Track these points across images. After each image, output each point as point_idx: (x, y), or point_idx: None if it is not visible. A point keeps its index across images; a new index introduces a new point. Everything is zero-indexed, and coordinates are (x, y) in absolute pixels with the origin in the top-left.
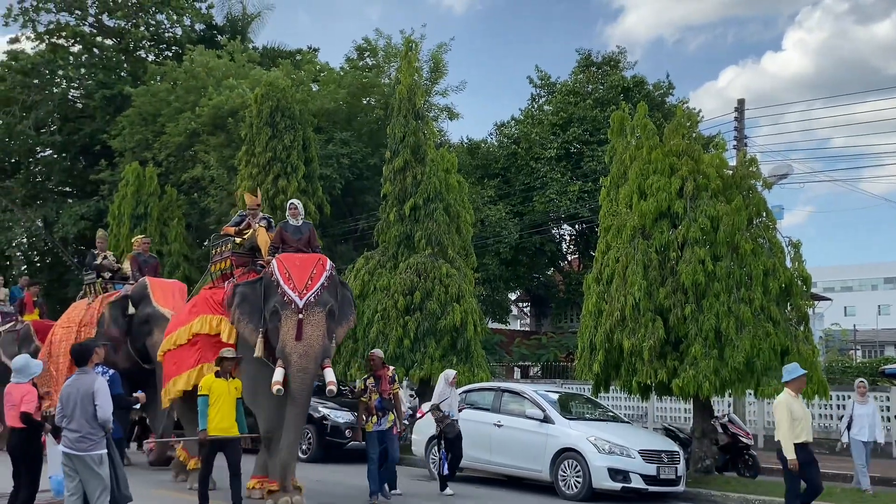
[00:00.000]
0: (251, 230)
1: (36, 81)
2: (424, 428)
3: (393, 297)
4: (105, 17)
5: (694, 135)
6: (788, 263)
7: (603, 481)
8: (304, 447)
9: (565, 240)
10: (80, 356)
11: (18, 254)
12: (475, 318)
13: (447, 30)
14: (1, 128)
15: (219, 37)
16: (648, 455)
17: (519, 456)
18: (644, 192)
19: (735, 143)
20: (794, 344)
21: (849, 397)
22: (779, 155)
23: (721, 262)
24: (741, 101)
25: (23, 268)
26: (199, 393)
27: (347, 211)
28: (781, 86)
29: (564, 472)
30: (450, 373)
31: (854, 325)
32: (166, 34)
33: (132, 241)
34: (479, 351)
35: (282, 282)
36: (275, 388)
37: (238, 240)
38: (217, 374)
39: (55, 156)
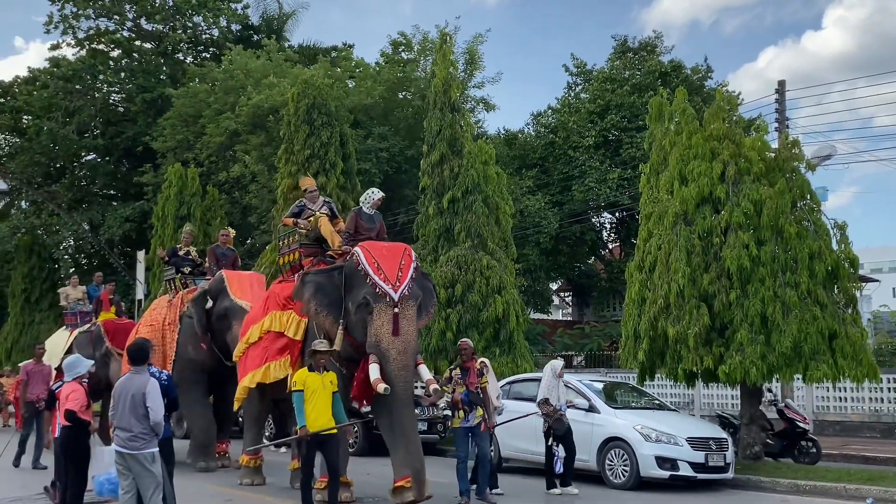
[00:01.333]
0: (312, 219)
1: (78, 87)
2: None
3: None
4: (143, 22)
5: (734, 118)
6: (834, 245)
7: (650, 470)
8: (350, 440)
9: (605, 228)
10: (137, 355)
11: (66, 256)
12: (517, 309)
13: (481, 21)
14: (45, 134)
15: (255, 36)
16: (696, 442)
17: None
18: (685, 177)
19: (776, 125)
20: (843, 327)
21: None
22: (821, 136)
23: (765, 247)
24: (782, 83)
25: (70, 270)
26: (293, 388)
27: (387, 205)
28: (823, 65)
29: (611, 461)
30: (556, 364)
31: None
32: (203, 36)
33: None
34: (521, 342)
35: (371, 272)
36: (380, 386)
37: (303, 231)
38: (310, 368)
39: (99, 159)
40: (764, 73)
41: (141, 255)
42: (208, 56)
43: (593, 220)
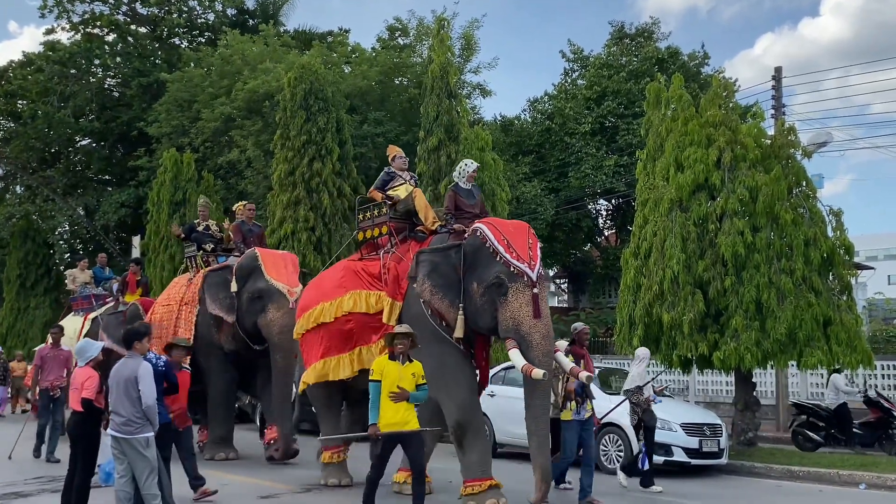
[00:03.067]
0: (402, 189)
1: (73, 71)
2: None
3: None
4: (138, 6)
5: (731, 105)
6: (830, 232)
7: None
8: None
9: (602, 215)
10: (126, 340)
11: (61, 242)
12: None
13: (478, 6)
14: (40, 118)
15: (251, 21)
16: (690, 428)
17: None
18: (681, 164)
19: (773, 111)
20: (837, 314)
21: (894, 367)
22: (818, 123)
23: (761, 233)
24: (778, 70)
25: (66, 255)
26: (370, 378)
27: None
28: (819, 52)
29: (606, 446)
30: (644, 351)
31: None
32: (199, 20)
33: (234, 208)
34: None
35: (502, 250)
36: (535, 372)
37: (390, 203)
38: (391, 357)
39: (94, 144)
40: (761, 59)
41: (136, 240)
42: (204, 41)
43: (589, 206)
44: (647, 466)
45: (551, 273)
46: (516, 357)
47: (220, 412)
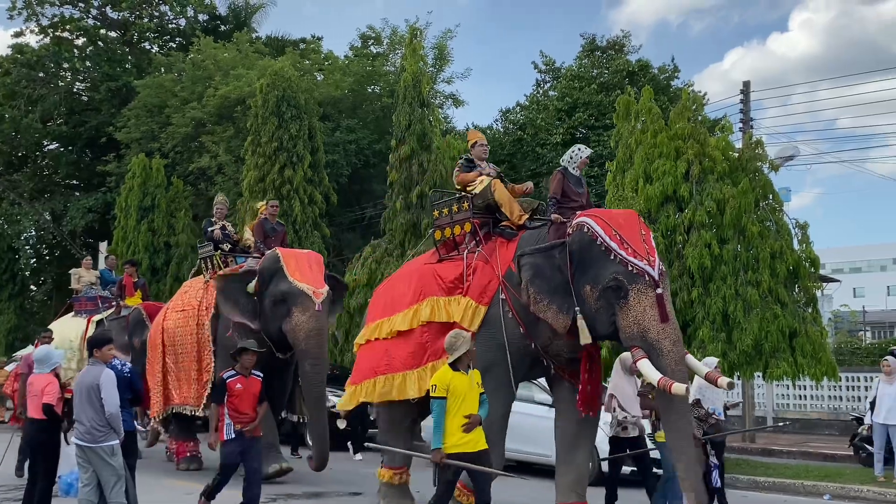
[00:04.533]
0: (481, 180)
1: (41, 75)
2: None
3: None
4: (109, 10)
5: (699, 118)
6: (796, 245)
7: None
8: None
9: None
10: (90, 346)
11: (27, 247)
12: None
13: (452, 16)
14: (7, 122)
15: (223, 27)
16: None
17: (528, 441)
18: (650, 176)
19: (741, 125)
20: (803, 326)
21: (858, 378)
22: (785, 137)
23: (728, 245)
24: (746, 84)
25: (31, 260)
26: (433, 394)
27: (354, 199)
28: (788, 67)
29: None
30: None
31: (863, 307)
32: (170, 25)
33: (256, 206)
34: None
35: (616, 247)
36: (674, 389)
37: (475, 192)
38: (454, 367)
39: (61, 149)
40: (729, 73)
41: (103, 246)
42: (175, 46)
43: None
44: (717, 483)
45: None
46: (648, 369)
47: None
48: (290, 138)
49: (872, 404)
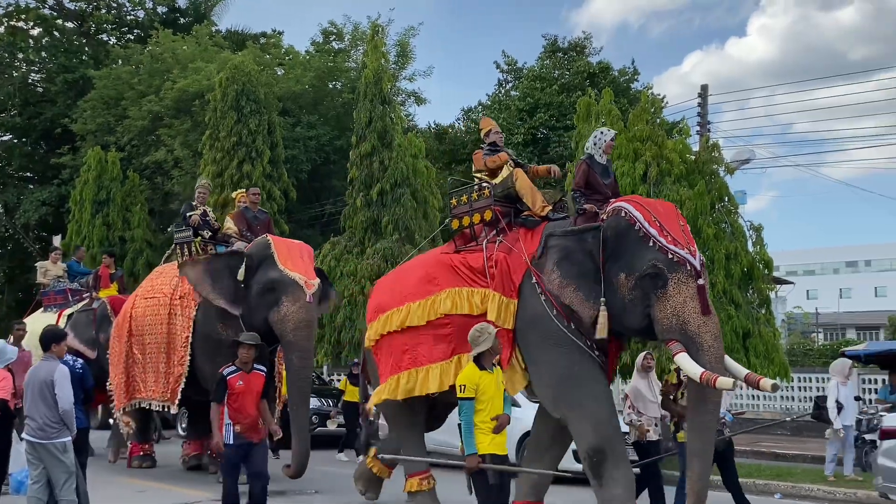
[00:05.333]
0: (502, 170)
1: None
2: None
3: (360, 282)
4: (66, 0)
5: (658, 120)
6: (750, 247)
7: (567, 463)
8: None
9: None
10: (45, 341)
11: None
12: None
13: (414, 14)
14: None
15: (182, 20)
16: None
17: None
18: None
19: (698, 128)
20: (756, 326)
21: (810, 379)
22: (741, 140)
23: None
24: (704, 87)
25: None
26: (461, 395)
27: (314, 195)
28: (746, 71)
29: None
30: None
31: (816, 309)
32: (128, 17)
33: (234, 194)
34: None
35: (656, 233)
36: (719, 383)
37: (497, 181)
38: (479, 364)
39: (15, 140)
40: (688, 77)
41: (57, 240)
42: (133, 38)
43: None
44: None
45: None
46: (688, 363)
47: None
48: (249, 133)
49: (840, 406)
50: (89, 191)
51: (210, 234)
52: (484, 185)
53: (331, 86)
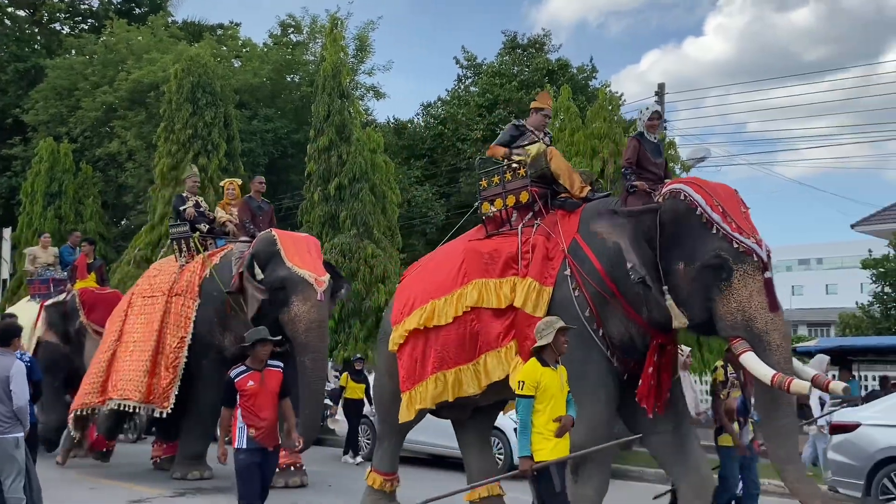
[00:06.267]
0: (534, 148)
1: None
2: None
3: None
4: None
5: (615, 118)
6: None
7: None
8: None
9: None
10: (3, 336)
11: None
12: None
13: (373, 8)
14: None
15: (137, 10)
16: None
17: (446, 435)
18: None
19: None
20: None
21: None
22: (697, 139)
23: None
24: (661, 86)
25: None
26: (520, 392)
27: (271, 189)
28: (703, 70)
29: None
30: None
31: None
32: (82, 6)
33: (221, 183)
34: None
35: (719, 220)
36: (793, 386)
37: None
38: (541, 360)
39: None
40: (646, 75)
41: (7, 232)
42: (87, 28)
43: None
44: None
45: None
46: (756, 364)
47: (201, 426)
48: (204, 126)
49: (822, 403)
50: (41, 183)
51: (207, 226)
52: (520, 162)
53: (288, 79)
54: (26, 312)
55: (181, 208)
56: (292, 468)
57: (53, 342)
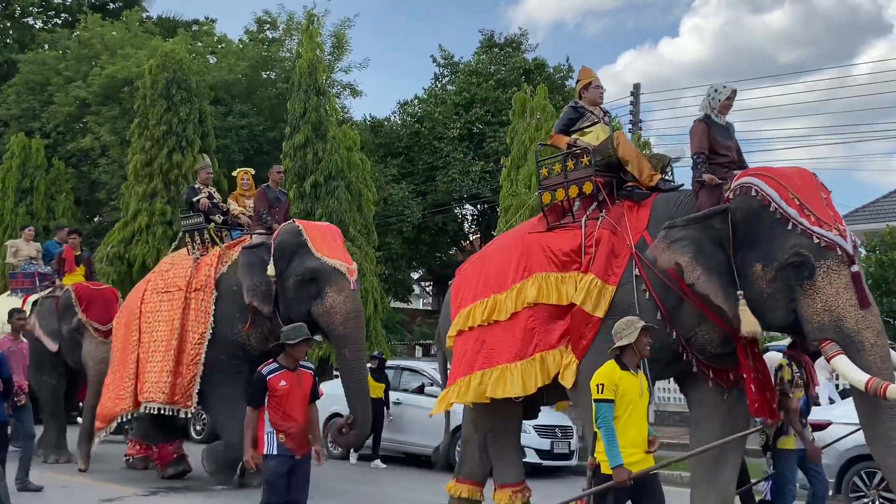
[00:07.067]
0: (593, 135)
1: None
2: None
3: None
4: None
5: None
6: None
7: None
8: None
9: (467, 219)
10: None
11: None
12: (376, 297)
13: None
14: None
15: (111, 5)
16: (543, 430)
17: (418, 433)
18: None
19: (630, 126)
20: None
21: None
22: (673, 139)
23: None
24: (636, 86)
25: None
26: (598, 396)
27: None
28: (678, 71)
29: (461, 448)
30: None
31: None
32: (56, 0)
33: (234, 173)
34: (378, 329)
35: (796, 214)
36: (889, 391)
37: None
38: (621, 364)
39: None
40: (622, 75)
41: None
42: (60, 22)
43: (456, 211)
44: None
45: (415, 276)
46: (849, 369)
47: (233, 434)
48: (179, 122)
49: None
50: (12, 178)
51: (222, 217)
52: (584, 150)
53: (264, 75)
54: (6, 307)
55: (194, 199)
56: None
57: (41, 339)
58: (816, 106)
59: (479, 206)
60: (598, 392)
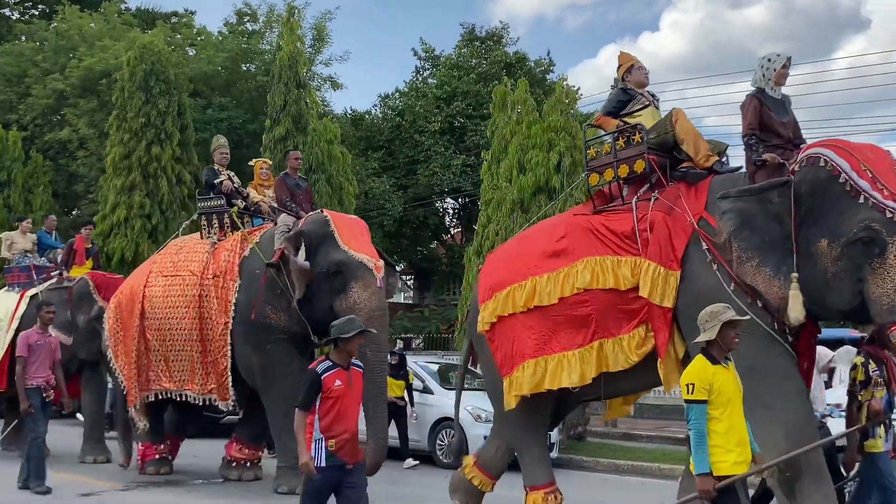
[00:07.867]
0: (646, 116)
1: None
2: None
3: None
4: None
5: (572, 111)
6: None
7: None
8: None
9: (448, 213)
10: None
11: None
12: None
13: None
14: None
15: None
16: None
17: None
18: (523, 166)
19: None
20: None
21: None
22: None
23: None
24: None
25: None
26: (691, 396)
27: None
28: (658, 65)
29: (442, 441)
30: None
31: None
32: None
33: (251, 162)
34: None
35: (868, 186)
36: None
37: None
38: (711, 358)
39: None
40: (603, 69)
41: None
42: (37, 14)
43: (437, 204)
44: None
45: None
46: None
47: (286, 421)
48: (158, 114)
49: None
50: None
51: (244, 203)
52: (635, 127)
53: (244, 68)
54: (3, 303)
55: (216, 181)
56: (248, 464)
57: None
58: (796, 101)
59: (460, 200)
60: (688, 392)
